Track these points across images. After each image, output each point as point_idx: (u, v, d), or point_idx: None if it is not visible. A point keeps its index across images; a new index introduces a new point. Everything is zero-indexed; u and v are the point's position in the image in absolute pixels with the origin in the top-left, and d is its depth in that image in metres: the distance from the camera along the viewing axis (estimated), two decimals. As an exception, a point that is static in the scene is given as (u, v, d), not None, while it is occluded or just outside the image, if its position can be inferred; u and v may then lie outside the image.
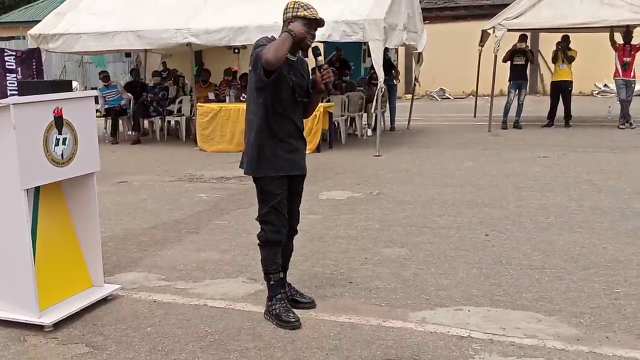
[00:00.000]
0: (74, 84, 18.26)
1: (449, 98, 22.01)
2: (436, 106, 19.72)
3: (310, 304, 3.83)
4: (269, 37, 3.57)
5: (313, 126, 10.09)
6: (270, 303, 3.68)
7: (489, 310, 3.72)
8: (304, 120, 3.82)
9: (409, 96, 15.24)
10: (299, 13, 3.50)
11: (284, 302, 3.68)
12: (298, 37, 3.43)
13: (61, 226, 3.91)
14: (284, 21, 3.57)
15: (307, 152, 3.91)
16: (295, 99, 3.61)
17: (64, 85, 4.10)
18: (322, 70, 3.58)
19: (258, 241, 3.70)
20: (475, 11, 21.76)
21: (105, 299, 4.01)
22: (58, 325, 3.62)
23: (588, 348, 3.20)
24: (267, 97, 3.52)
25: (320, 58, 3.64)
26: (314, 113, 10.71)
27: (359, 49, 15.14)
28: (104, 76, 13.03)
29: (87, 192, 3.97)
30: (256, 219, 3.72)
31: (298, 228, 3.89)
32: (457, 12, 22.78)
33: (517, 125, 12.68)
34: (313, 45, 3.63)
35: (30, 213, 3.56)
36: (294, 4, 3.54)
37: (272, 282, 3.69)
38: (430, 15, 20.59)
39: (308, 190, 7.19)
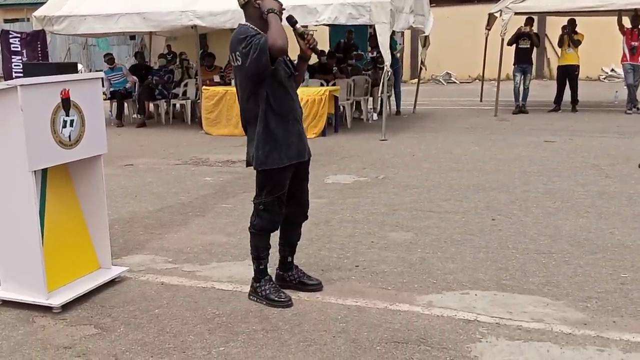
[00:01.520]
0: (79, 66, 18.24)
1: (455, 82, 21.91)
2: (442, 90, 19.63)
3: (317, 286, 3.84)
4: (249, 25, 3.43)
5: (319, 110, 10.06)
6: (258, 284, 3.69)
7: (495, 294, 3.73)
8: (313, 103, 3.78)
9: (415, 80, 15.17)
10: None
11: (273, 283, 3.72)
12: (280, 12, 3.39)
13: (69, 208, 3.92)
14: (245, 2, 3.44)
15: (313, 136, 3.88)
16: (289, 75, 3.55)
17: (70, 68, 4.08)
18: (305, 37, 3.50)
19: (250, 227, 3.68)
20: (482, -6, 21.56)
21: (112, 281, 4.03)
22: (66, 306, 3.64)
23: (595, 332, 3.20)
24: (268, 84, 3.42)
25: (298, 25, 3.52)
26: (320, 96, 10.73)
27: (365, 32, 15.06)
28: (109, 59, 13.00)
29: (95, 174, 3.97)
30: (255, 203, 3.65)
31: (305, 212, 3.90)
32: (463, -5, 22.59)
33: (523, 110, 12.62)
34: (287, 15, 3.53)
35: (37, 195, 3.56)
36: None
37: (261, 267, 3.70)
38: (437, -2, 20.43)
39: (314, 174, 7.19)
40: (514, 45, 12.51)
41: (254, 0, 3.42)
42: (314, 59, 14.44)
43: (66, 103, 3.64)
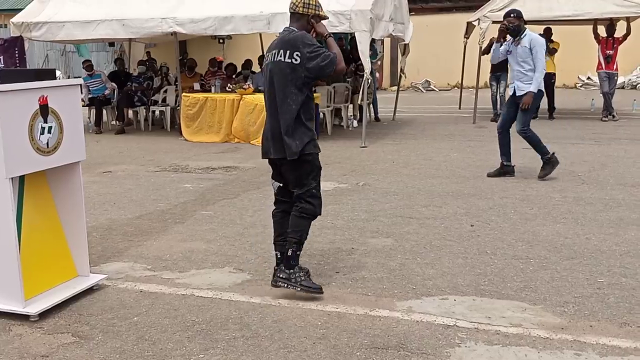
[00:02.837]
0: (57, 73, 18.04)
1: (434, 90, 22.07)
2: (421, 98, 19.76)
3: None
4: (308, 34, 3.83)
5: (299, 117, 10.05)
6: (292, 271, 3.83)
7: (474, 299, 3.76)
8: None
9: (394, 88, 15.26)
10: (320, 13, 3.89)
11: (306, 269, 3.90)
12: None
13: (46, 216, 3.88)
14: (302, 14, 3.83)
15: None
16: None
17: (48, 74, 4.05)
18: None
19: (303, 214, 3.83)
20: (460, 3, 21.83)
21: (91, 289, 3.99)
22: (44, 315, 3.60)
23: (572, 337, 3.24)
24: (309, 89, 3.83)
25: None
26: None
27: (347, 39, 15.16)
28: (88, 65, 12.91)
29: (73, 182, 3.94)
30: (304, 192, 3.82)
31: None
32: (442, 4, 22.85)
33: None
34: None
35: (15, 202, 3.52)
36: (317, 2, 3.87)
37: (298, 252, 3.86)
38: (416, 6, 20.62)
39: (294, 181, 7.21)
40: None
41: (309, 17, 3.85)
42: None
43: (44, 110, 3.62)
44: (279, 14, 9.95)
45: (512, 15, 6.82)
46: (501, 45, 7.05)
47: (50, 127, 3.66)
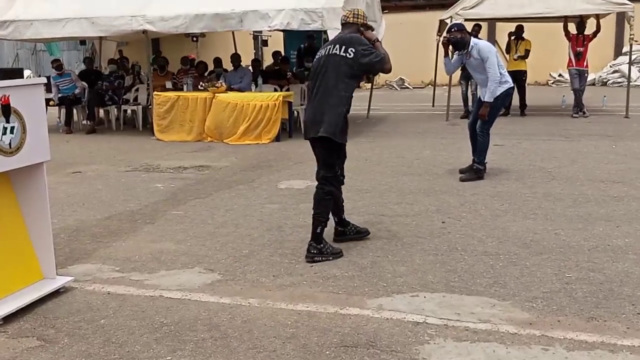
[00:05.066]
0: (27, 72, 17.78)
1: (408, 88, 22.16)
2: (395, 95, 19.83)
3: (367, 232, 4.89)
4: (360, 36, 4.45)
5: (272, 115, 10.04)
6: (322, 245, 4.42)
7: (444, 296, 3.77)
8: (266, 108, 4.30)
9: (369, 85, 15.28)
10: (368, 22, 4.59)
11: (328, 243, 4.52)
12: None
13: (10, 217, 3.80)
14: (352, 23, 4.53)
15: (267, 141, 4.19)
16: None
17: (15, 73, 3.97)
18: None
19: (326, 196, 4.44)
20: (433, 1, 21.89)
21: (57, 292, 3.92)
22: (8, 318, 3.53)
23: (540, 332, 3.26)
24: (355, 84, 4.52)
25: None
26: (273, 102, 10.71)
27: (320, 38, 15.13)
28: (57, 65, 12.72)
29: (37, 183, 3.87)
30: (329, 176, 4.45)
31: (258, 218, 4.09)
32: (415, 2, 22.91)
33: (474, 114, 12.82)
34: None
35: (-24, 204, 3.45)
36: (364, 14, 4.58)
37: (322, 228, 4.41)
38: (389, 4, 20.65)
39: (267, 180, 7.19)
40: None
41: (359, 25, 4.52)
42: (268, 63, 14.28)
43: (6, 109, 3.54)
44: (251, 11, 9.92)
45: (453, 29, 6.89)
46: (452, 57, 7.06)
47: (12, 128, 3.58)
